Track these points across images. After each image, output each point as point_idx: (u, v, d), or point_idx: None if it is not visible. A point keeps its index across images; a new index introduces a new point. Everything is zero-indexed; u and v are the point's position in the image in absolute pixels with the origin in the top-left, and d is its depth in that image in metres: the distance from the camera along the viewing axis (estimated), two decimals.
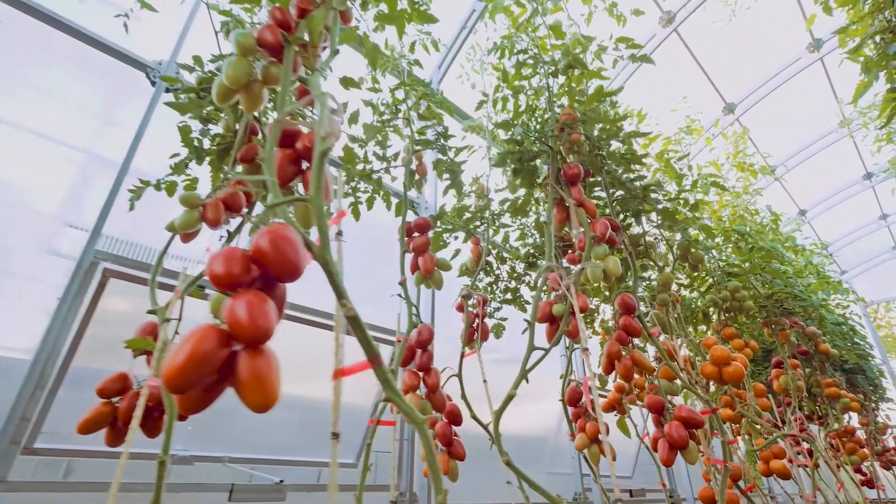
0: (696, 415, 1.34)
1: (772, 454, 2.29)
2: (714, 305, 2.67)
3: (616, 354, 1.51)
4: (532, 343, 1.23)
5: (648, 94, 3.32)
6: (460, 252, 2.12)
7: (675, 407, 1.56)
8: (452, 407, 1.66)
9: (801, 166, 4.94)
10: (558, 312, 1.33)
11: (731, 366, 1.78)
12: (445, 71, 3.03)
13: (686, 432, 1.32)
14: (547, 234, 1.41)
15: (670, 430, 1.32)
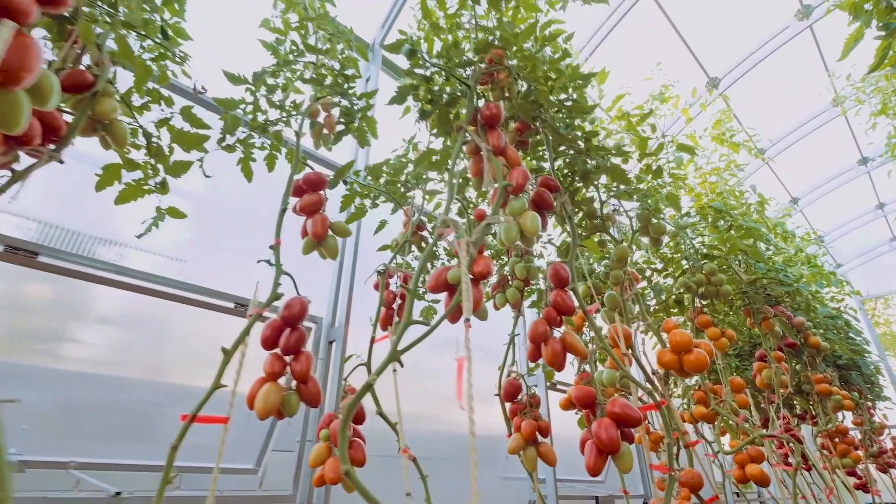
0: (631, 410, 1.06)
1: (748, 457, 2.01)
2: (687, 290, 2.39)
3: (542, 336, 1.23)
4: (409, 316, 0.95)
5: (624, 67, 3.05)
6: (386, 224, 1.84)
7: None
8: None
9: (792, 150, 4.65)
10: (454, 279, 1.04)
11: (692, 353, 1.50)
12: (388, 29, 2.75)
13: (616, 432, 1.03)
14: (448, 185, 1.13)
15: (598, 429, 1.04)
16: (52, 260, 1.82)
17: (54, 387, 2.06)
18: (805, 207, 5.67)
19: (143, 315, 2.30)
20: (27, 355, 1.99)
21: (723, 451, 2.06)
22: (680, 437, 1.52)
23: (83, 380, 2.17)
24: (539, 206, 1.44)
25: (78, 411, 1.92)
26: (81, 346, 2.23)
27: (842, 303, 4.26)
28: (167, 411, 2.36)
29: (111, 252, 2.31)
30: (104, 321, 2.34)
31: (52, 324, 2.17)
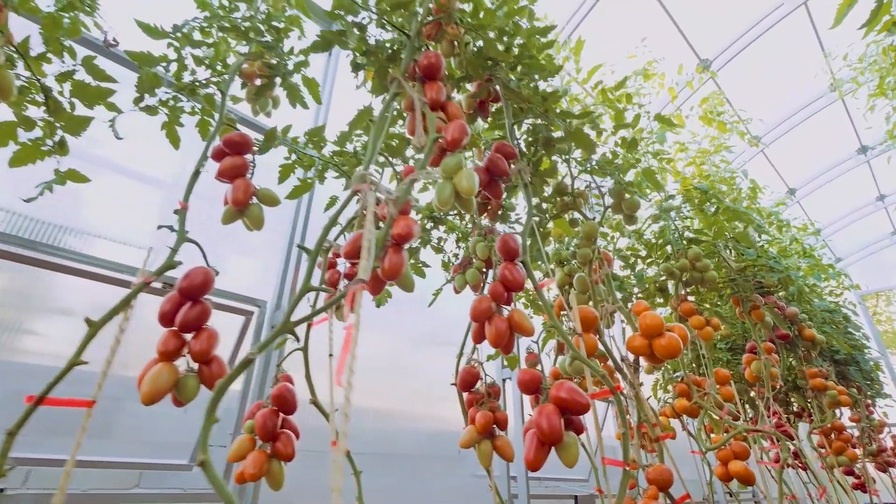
0: (578, 396, 0.92)
1: (731, 454, 1.86)
2: (670, 276, 2.24)
3: (485, 314, 1.09)
4: (308, 283, 0.82)
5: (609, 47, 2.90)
6: (336, 200, 1.69)
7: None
8: (281, 389, 1.25)
9: (788, 138, 4.48)
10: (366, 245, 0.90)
11: (664, 338, 1.36)
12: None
13: (559, 420, 0.89)
14: (372, 138, 0.99)
15: (539, 417, 0.90)
16: (8, 247, 1.69)
17: (9, 380, 1.95)
18: (803, 199, 5.49)
19: (108, 306, 2.17)
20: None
21: (704, 446, 1.92)
22: (650, 429, 1.38)
23: (40, 373, 2.05)
24: (492, 172, 1.30)
25: None
26: (40, 338, 2.11)
27: (840, 297, 4.11)
28: (129, 406, 2.23)
29: (77, 241, 2.18)
30: (65, 312, 2.21)
31: (8, 315, 2.05)
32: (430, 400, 2.72)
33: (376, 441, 2.60)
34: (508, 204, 1.85)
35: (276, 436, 1.22)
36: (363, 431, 2.72)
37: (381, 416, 2.86)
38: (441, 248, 1.86)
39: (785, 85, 4.15)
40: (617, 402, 1.01)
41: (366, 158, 0.94)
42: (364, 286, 0.70)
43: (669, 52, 3.25)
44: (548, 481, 2.69)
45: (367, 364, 2.94)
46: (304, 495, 2.15)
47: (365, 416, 2.84)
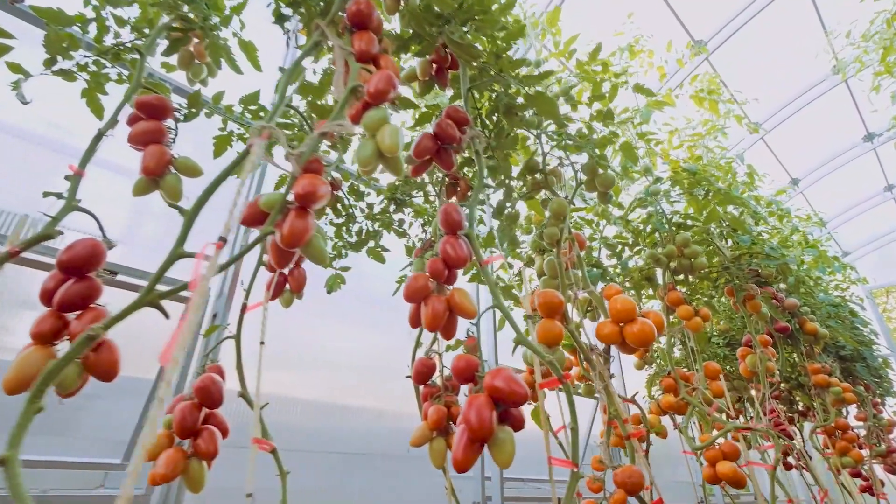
0: (516, 385, 0.78)
1: (720, 454, 1.72)
2: (656, 263, 2.10)
3: (420, 293, 0.96)
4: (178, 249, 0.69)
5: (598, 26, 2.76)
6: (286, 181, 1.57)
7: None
8: (205, 381, 1.13)
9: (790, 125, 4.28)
10: (268, 205, 0.78)
11: (636, 324, 1.22)
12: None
13: (491, 413, 0.76)
14: (281, 85, 0.86)
15: (468, 409, 0.77)
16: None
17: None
18: (806, 189, 5.27)
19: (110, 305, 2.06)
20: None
21: (691, 445, 1.77)
22: (620, 426, 1.24)
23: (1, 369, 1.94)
24: (440, 139, 1.17)
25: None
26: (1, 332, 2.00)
27: (847, 291, 3.93)
28: (99, 403, 2.11)
29: None
30: (29, 306, 2.10)
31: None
32: None
33: (368, 441, 2.48)
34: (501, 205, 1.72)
35: (197, 432, 1.10)
36: (354, 431, 2.61)
37: (375, 415, 2.74)
38: (404, 231, 1.73)
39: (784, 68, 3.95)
40: (567, 392, 0.87)
41: (271, 111, 0.81)
42: (221, 245, 0.58)
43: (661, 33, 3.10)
44: (529, 482, 2.55)
45: (360, 363, 2.82)
46: None
47: (358, 415, 2.73)
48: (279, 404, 2.47)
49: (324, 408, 2.50)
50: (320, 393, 2.66)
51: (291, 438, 2.37)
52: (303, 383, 2.62)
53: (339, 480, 2.44)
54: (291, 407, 2.53)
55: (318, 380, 2.69)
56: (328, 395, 2.67)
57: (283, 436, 2.42)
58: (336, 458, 2.50)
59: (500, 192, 1.65)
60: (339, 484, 2.43)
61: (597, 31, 2.78)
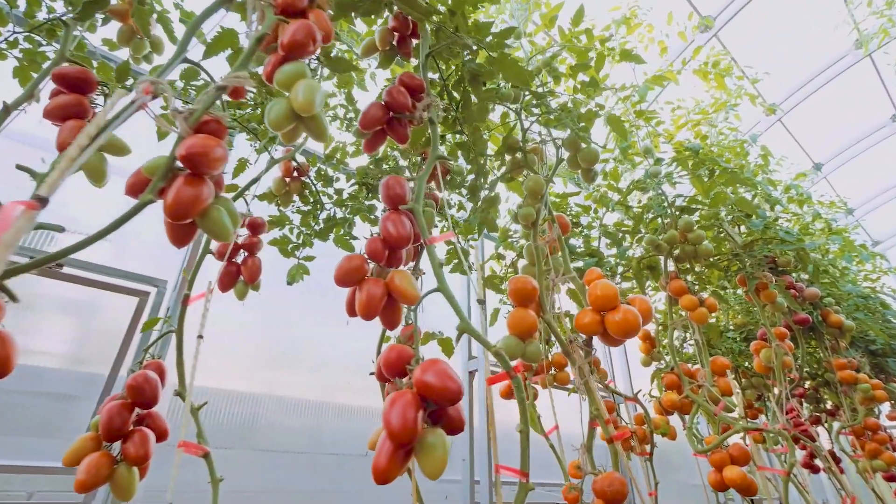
0: (448, 381, 0.66)
1: (728, 458, 1.55)
2: (656, 250, 1.94)
3: (353, 276, 0.84)
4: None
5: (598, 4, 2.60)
6: (248, 164, 1.47)
7: None
8: (137, 378, 1.03)
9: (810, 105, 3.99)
10: (150, 170, 0.67)
11: (618, 312, 1.08)
12: None
13: (415, 414, 0.64)
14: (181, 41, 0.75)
15: (389, 408, 0.65)
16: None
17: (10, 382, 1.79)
18: (830, 174, 4.94)
19: (66, 299, 2.01)
20: None
21: (696, 447, 1.61)
22: (602, 426, 1.10)
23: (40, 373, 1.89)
24: (390, 107, 1.05)
25: None
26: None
27: (878, 282, 3.67)
28: (85, 404, 2.04)
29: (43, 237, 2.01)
30: (32, 309, 2.03)
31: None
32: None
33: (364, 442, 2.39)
34: (457, 168, 1.60)
35: (127, 435, 1.01)
36: (355, 432, 2.51)
37: (376, 415, 2.64)
38: (377, 219, 1.62)
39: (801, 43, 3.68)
40: (516, 388, 0.74)
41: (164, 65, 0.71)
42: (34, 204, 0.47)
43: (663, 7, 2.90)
44: (510, 486, 2.39)
45: (362, 362, 2.72)
46: None
47: (357, 415, 2.63)
48: (276, 405, 2.39)
49: (318, 407, 2.41)
50: (314, 393, 2.56)
51: (293, 439, 2.29)
52: (304, 383, 2.54)
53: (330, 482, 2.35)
54: (290, 407, 2.45)
55: (317, 379, 2.60)
56: (323, 395, 2.58)
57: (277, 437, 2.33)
58: (331, 460, 2.41)
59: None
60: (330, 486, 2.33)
61: (594, 8, 2.62)
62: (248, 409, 2.30)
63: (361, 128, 1.03)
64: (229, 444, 2.25)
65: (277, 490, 2.13)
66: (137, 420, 1.05)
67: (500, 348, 1.13)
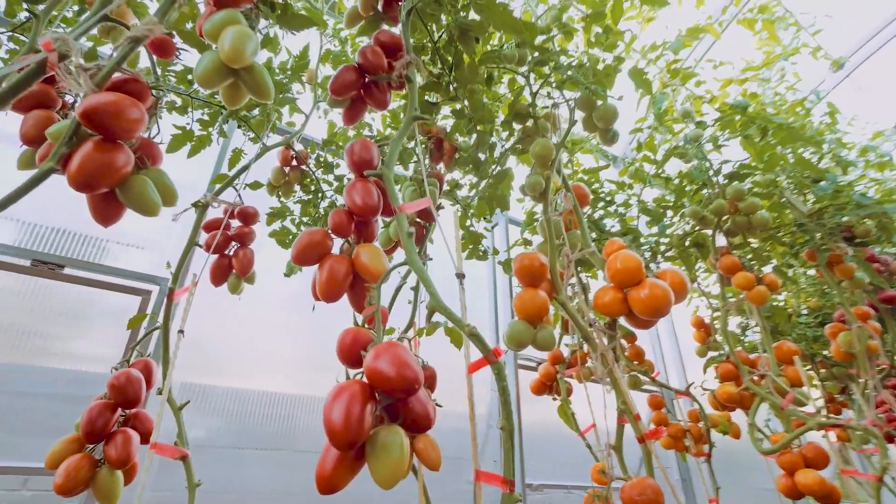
0: (405, 368, 0.54)
1: (801, 460, 1.31)
2: (701, 222, 1.71)
3: (314, 250, 0.73)
4: None
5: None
6: (243, 154, 1.42)
7: None
8: (120, 377, 0.98)
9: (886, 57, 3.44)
10: (55, 134, 0.59)
11: (644, 287, 0.91)
12: None
13: (362, 410, 0.52)
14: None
15: (330, 402, 0.53)
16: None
17: (59, 385, 1.86)
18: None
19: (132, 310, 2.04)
20: None
21: (759, 447, 1.38)
22: (631, 422, 0.93)
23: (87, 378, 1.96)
24: (364, 69, 0.95)
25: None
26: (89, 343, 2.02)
27: None
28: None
29: (94, 250, 2.07)
30: (70, 315, 2.10)
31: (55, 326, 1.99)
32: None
33: None
34: (465, 145, 1.46)
35: (109, 436, 0.96)
36: None
37: None
38: None
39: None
40: (497, 375, 0.60)
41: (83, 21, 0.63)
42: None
43: None
44: (550, 489, 2.20)
45: None
46: None
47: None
48: (317, 406, 2.34)
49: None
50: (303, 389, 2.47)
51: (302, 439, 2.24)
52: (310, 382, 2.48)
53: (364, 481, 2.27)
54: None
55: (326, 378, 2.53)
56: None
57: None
58: None
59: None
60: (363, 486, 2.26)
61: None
62: (287, 411, 2.28)
63: (332, 94, 0.92)
64: (271, 446, 2.23)
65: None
66: (124, 421, 1.01)
67: (506, 335, 0.99)
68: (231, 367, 2.24)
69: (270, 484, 2.13)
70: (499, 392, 0.59)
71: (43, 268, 1.45)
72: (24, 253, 1.47)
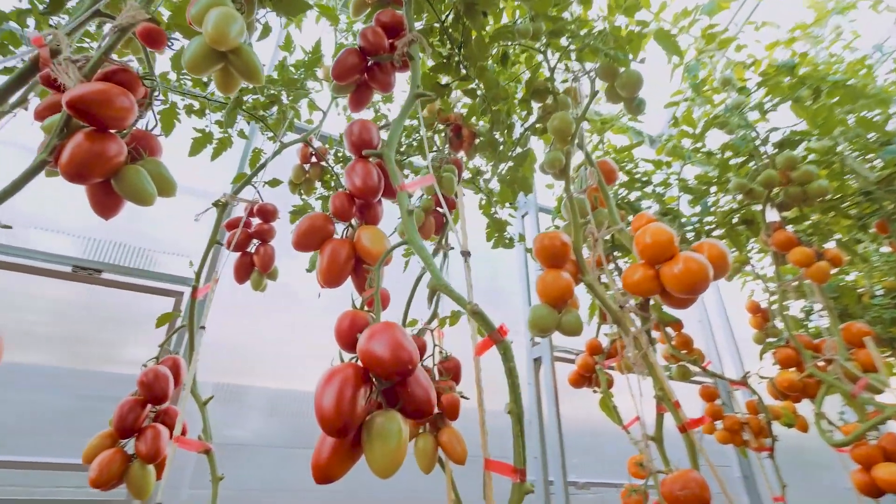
0: (401, 350, 0.50)
1: (879, 452, 1.17)
2: (749, 196, 1.57)
3: (315, 236, 0.71)
4: None
5: None
6: (262, 153, 1.44)
7: None
8: (148, 374, 1.00)
9: None
10: (49, 127, 0.59)
11: (678, 262, 0.83)
12: None
13: (352, 393, 0.49)
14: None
15: (322, 386, 0.50)
16: None
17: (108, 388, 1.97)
18: None
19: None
20: None
21: (827, 439, 1.24)
22: (671, 410, 0.85)
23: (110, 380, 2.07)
24: (366, 52, 0.92)
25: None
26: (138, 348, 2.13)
27: None
28: (89, 404, 2.05)
29: (139, 258, 2.18)
30: (115, 321, 2.16)
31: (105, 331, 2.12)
32: None
33: None
34: (484, 130, 1.42)
35: (140, 432, 0.98)
36: None
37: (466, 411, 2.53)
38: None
39: None
40: (504, 354, 0.55)
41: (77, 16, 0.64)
42: None
43: None
44: (599, 487, 2.07)
45: None
46: None
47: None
48: None
49: None
50: None
51: None
52: None
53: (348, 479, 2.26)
54: None
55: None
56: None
57: None
58: None
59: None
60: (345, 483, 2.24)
61: None
62: None
63: (335, 78, 0.90)
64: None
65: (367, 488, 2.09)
66: (155, 417, 1.03)
67: (529, 319, 0.93)
68: (280, 368, 2.29)
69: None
70: (506, 374, 0.54)
71: (83, 273, 1.52)
72: (66, 260, 1.56)
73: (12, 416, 1.88)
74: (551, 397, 2.10)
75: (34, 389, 1.94)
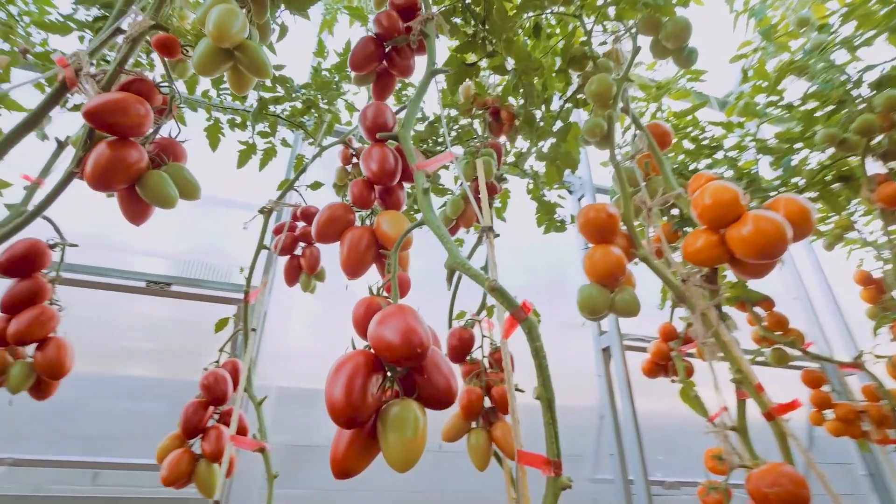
0: (413, 335, 0.46)
1: None
2: (841, 147, 1.35)
3: (335, 225, 0.69)
4: None
5: None
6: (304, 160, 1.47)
7: None
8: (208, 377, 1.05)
9: None
10: (76, 141, 0.62)
11: (746, 223, 0.72)
12: None
13: (361, 382, 0.46)
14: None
15: (331, 379, 0.48)
16: None
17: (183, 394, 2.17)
18: None
19: None
20: None
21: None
22: (753, 395, 0.73)
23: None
24: (381, 37, 0.90)
25: None
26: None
27: None
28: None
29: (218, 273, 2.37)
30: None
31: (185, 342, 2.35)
32: None
33: None
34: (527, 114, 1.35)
35: (204, 432, 1.02)
36: None
37: None
38: (446, 189, 1.46)
39: None
40: (529, 334, 0.49)
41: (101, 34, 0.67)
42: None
43: None
44: (689, 486, 1.86)
45: None
46: None
47: None
48: None
49: None
50: None
51: None
52: None
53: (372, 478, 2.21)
54: None
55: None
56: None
57: None
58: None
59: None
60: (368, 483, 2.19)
61: None
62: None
63: (352, 69, 0.89)
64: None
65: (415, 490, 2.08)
66: (219, 418, 1.07)
67: (578, 301, 0.85)
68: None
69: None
70: (532, 354, 0.48)
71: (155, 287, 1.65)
72: (140, 276, 1.70)
73: (118, 424, 2.09)
74: (624, 389, 1.95)
75: (135, 399, 2.14)
